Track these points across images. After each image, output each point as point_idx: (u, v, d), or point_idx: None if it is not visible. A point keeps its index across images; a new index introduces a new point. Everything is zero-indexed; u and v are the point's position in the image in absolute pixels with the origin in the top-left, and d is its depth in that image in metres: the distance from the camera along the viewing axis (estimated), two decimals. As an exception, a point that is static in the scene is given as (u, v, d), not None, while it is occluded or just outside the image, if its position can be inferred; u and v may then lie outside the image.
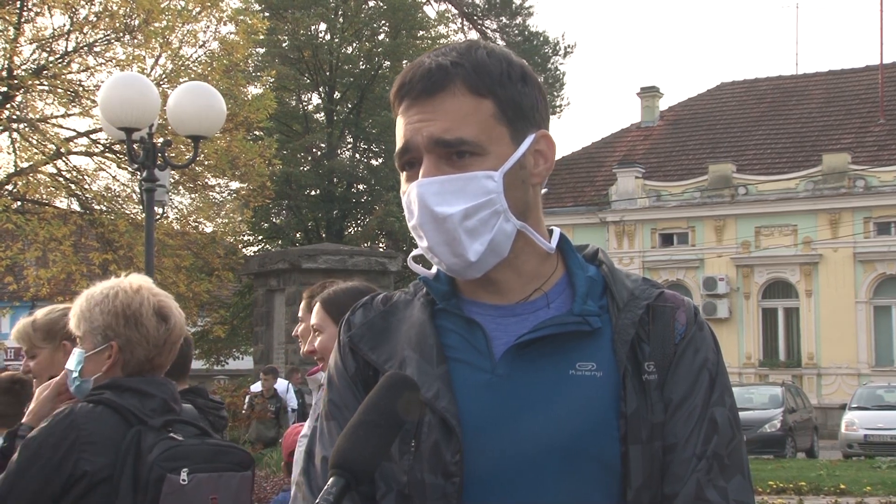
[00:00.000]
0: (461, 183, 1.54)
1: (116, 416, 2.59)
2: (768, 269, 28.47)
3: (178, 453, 2.58)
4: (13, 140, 18.87)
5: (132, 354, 2.69)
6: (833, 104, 31.25)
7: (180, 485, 2.53)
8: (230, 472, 2.69)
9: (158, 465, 2.53)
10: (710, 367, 1.58)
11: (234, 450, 2.80)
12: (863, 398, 21.93)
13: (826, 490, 12.89)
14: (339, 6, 31.74)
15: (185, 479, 2.54)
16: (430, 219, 1.54)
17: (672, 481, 1.52)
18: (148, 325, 2.68)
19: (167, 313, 2.73)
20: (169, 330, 2.71)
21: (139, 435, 2.57)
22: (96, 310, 2.70)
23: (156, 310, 2.71)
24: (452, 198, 1.54)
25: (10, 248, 18.35)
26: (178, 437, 2.61)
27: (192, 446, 2.62)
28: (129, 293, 2.71)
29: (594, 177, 31.59)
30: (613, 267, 1.65)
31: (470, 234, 1.54)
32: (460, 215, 1.53)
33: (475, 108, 1.56)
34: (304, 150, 31.56)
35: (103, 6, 18.50)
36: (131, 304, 2.69)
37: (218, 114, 9.77)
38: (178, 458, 2.57)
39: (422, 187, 1.54)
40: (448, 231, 1.54)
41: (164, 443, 2.58)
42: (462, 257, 1.55)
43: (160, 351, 2.71)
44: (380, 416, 1.44)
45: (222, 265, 21.64)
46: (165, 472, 2.53)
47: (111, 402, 2.61)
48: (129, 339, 2.68)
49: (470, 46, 1.61)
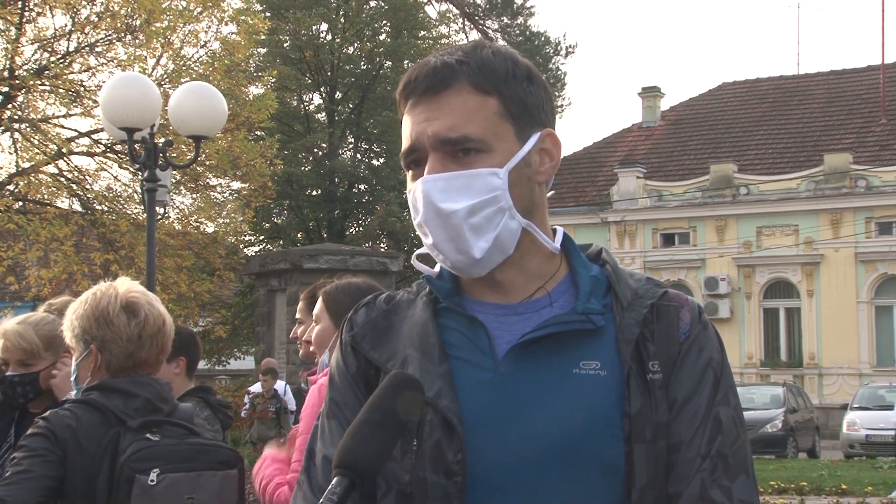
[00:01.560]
0: (466, 179, 1.54)
1: (99, 416, 2.61)
2: (770, 269, 28.46)
3: (150, 454, 2.58)
4: (15, 140, 18.87)
5: (112, 354, 2.71)
6: (834, 104, 31.23)
7: (149, 485, 2.53)
8: (211, 471, 2.68)
9: (128, 465, 2.54)
10: (714, 367, 1.57)
11: (218, 449, 2.78)
12: (864, 398, 21.94)
13: (827, 490, 12.89)
14: (340, 6, 31.72)
15: (154, 479, 2.54)
16: (435, 215, 1.54)
17: (676, 481, 1.52)
18: (117, 322, 2.70)
19: (135, 308, 2.73)
20: (140, 324, 2.71)
21: (117, 436, 2.58)
22: (73, 317, 2.75)
23: (123, 306, 2.72)
24: (457, 194, 1.53)
25: (12, 248, 18.34)
26: (153, 438, 2.61)
27: (167, 446, 2.62)
28: (97, 295, 2.75)
29: (595, 177, 31.58)
30: (617, 266, 1.64)
31: (475, 230, 1.54)
32: (465, 212, 1.53)
33: (480, 105, 1.55)
34: (306, 151, 31.54)
35: (105, 6, 18.51)
36: (99, 304, 2.72)
37: (219, 114, 9.76)
38: (150, 458, 2.57)
39: (427, 184, 1.54)
40: (453, 227, 1.54)
41: (137, 443, 2.58)
42: (467, 254, 1.55)
43: (138, 346, 2.71)
44: (384, 415, 1.44)
45: (223, 265, 21.63)
46: (134, 473, 2.54)
47: (95, 403, 2.63)
48: (104, 339, 2.70)
49: (476, 46, 1.61)
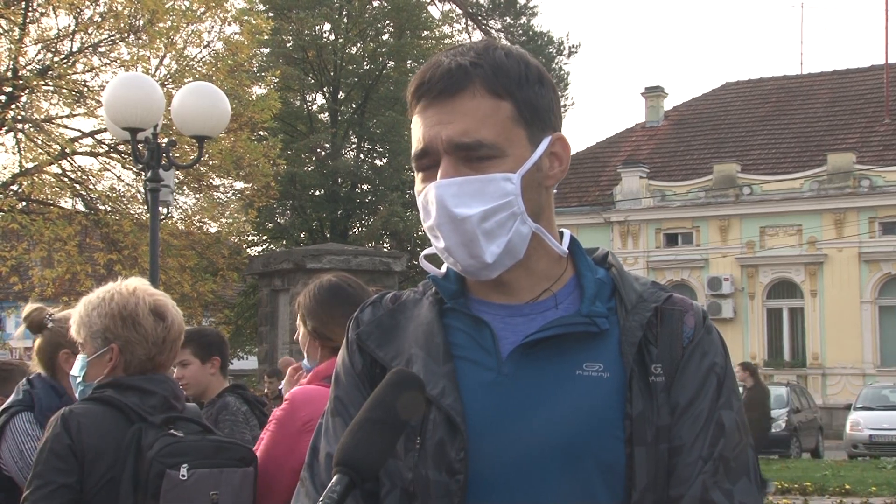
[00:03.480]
0: (480, 185, 1.53)
1: (117, 413, 2.61)
2: (773, 269, 28.43)
3: (178, 449, 2.59)
4: (18, 140, 18.88)
5: (133, 355, 2.71)
6: (838, 104, 31.20)
7: (180, 480, 2.55)
8: (231, 468, 2.70)
9: (158, 460, 2.55)
10: (717, 371, 1.57)
11: (236, 446, 2.80)
12: (868, 398, 21.92)
13: (831, 490, 12.86)
14: (343, 6, 31.71)
15: (185, 474, 2.56)
16: (448, 220, 1.54)
17: (677, 483, 1.52)
18: (145, 324, 2.71)
19: (164, 312, 2.75)
20: (167, 328, 2.74)
21: (140, 432, 2.59)
22: (94, 314, 2.73)
23: (152, 309, 2.73)
24: (471, 199, 1.53)
25: (16, 248, 18.38)
26: (178, 434, 2.63)
27: (192, 442, 2.64)
28: (124, 295, 2.74)
29: (599, 177, 31.56)
30: (623, 269, 1.65)
31: (487, 235, 1.54)
32: (479, 217, 1.53)
33: (494, 109, 1.55)
34: (309, 151, 31.53)
35: (108, 7, 18.52)
36: (127, 305, 2.72)
37: (222, 114, 9.76)
38: (179, 454, 2.59)
39: (440, 189, 1.54)
40: (466, 232, 1.54)
41: (164, 439, 2.59)
42: (479, 259, 1.55)
43: (161, 349, 2.73)
44: (385, 413, 1.44)
45: (227, 265, 21.63)
46: (165, 468, 2.55)
47: (112, 400, 2.63)
48: (129, 339, 2.70)
49: (487, 46, 1.60)
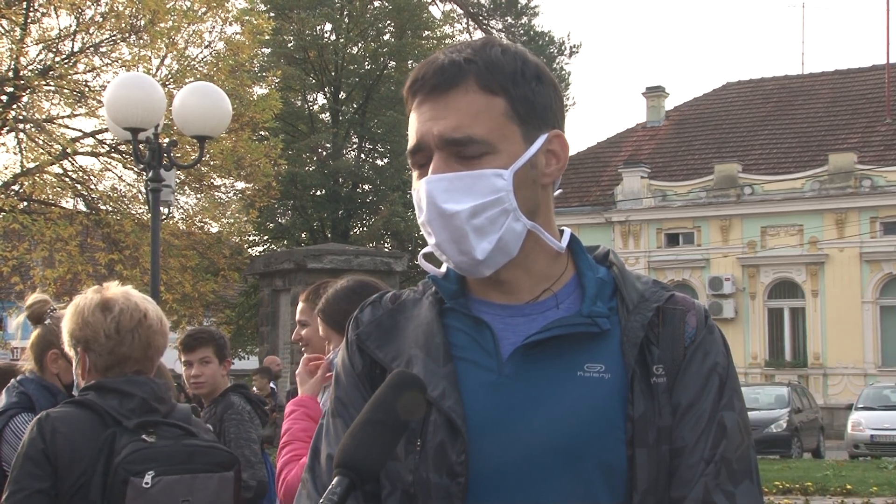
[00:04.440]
0: (470, 180, 1.53)
1: (95, 416, 2.60)
2: (774, 269, 28.43)
3: (145, 455, 2.56)
4: (19, 140, 18.91)
5: (95, 353, 2.72)
6: (839, 104, 31.19)
7: (143, 488, 2.52)
8: (207, 473, 2.66)
9: (123, 467, 2.53)
10: (719, 371, 1.56)
11: (215, 450, 2.76)
12: (869, 398, 21.90)
13: (832, 490, 12.86)
14: (344, 6, 31.71)
15: (149, 482, 2.53)
16: (438, 215, 1.53)
17: (679, 485, 1.51)
18: (93, 319, 2.72)
19: (110, 304, 2.75)
20: (116, 319, 2.72)
21: (113, 437, 2.57)
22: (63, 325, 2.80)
23: (98, 304, 2.75)
24: (460, 195, 1.52)
25: (17, 248, 18.38)
26: (148, 439, 2.60)
27: (163, 448, 2.60)
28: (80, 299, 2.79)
29: (600, 177, 31.56)
30: (624, 269, 1.63)
31: (478, 232, 1.53)
32: (468, 213, 1.52)
33: (487, 105, 1.54)
34: (310, 151, 31.53)
35: (109, 7, 18.53)
36: (77, 305, 2.77)
37: (223, 114, 9.76)
38: (145, 460, 2.56)
39: (430, 184, 1.54)
40: (456, 228, 1.53)
41: (132, 444, 2.57)
42: (469, 255, 1.54)
43: (117, 341, 2.71)
44: (385, 414, 1.43)
45: (228, 265, 21.64)
46: (129, 475, 2.52)
47: (91, 404, 2.62)
48: (85, 338, 2.73)
49: (485, 44, 1.60)
